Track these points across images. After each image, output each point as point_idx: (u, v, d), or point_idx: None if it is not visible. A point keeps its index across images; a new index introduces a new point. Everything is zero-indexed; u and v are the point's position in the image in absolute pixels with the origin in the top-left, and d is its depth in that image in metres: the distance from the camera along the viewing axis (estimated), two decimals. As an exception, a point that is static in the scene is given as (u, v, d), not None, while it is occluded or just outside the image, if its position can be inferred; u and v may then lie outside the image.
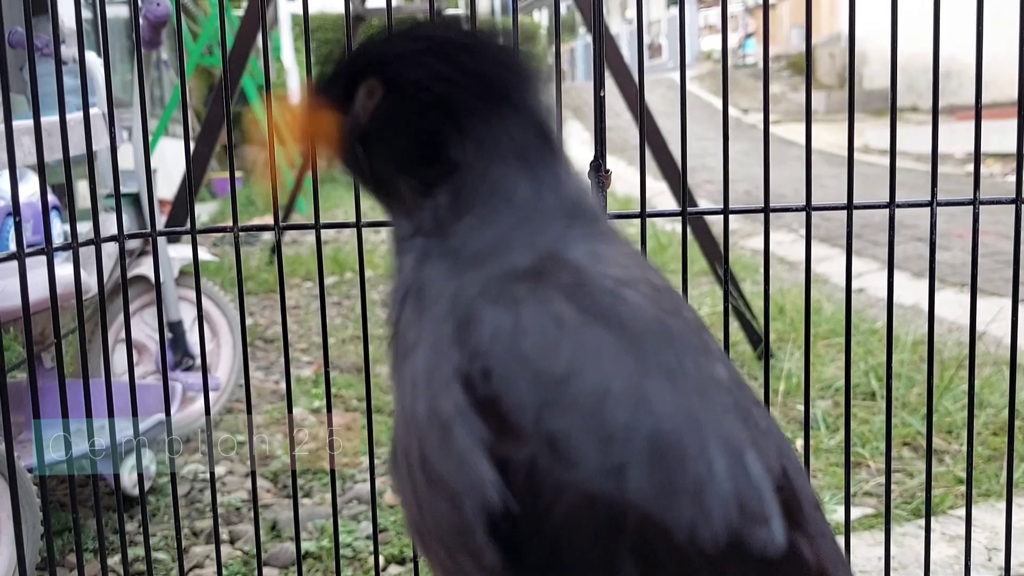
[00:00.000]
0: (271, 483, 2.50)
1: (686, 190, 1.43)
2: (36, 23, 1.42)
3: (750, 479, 0.73)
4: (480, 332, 0.74)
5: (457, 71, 0.82)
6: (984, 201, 1.45)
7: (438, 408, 0.74)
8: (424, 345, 0.79)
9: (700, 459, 0.72)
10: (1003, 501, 1.55)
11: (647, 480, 0.71)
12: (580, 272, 0.77)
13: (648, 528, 0.71)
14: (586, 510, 0.71)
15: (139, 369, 2.75)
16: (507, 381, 0.72)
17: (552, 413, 0.71)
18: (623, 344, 0.73)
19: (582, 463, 0.71)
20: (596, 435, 0.71)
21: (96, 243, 1.51)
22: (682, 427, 0.72)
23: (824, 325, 3.56)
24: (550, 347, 0.72)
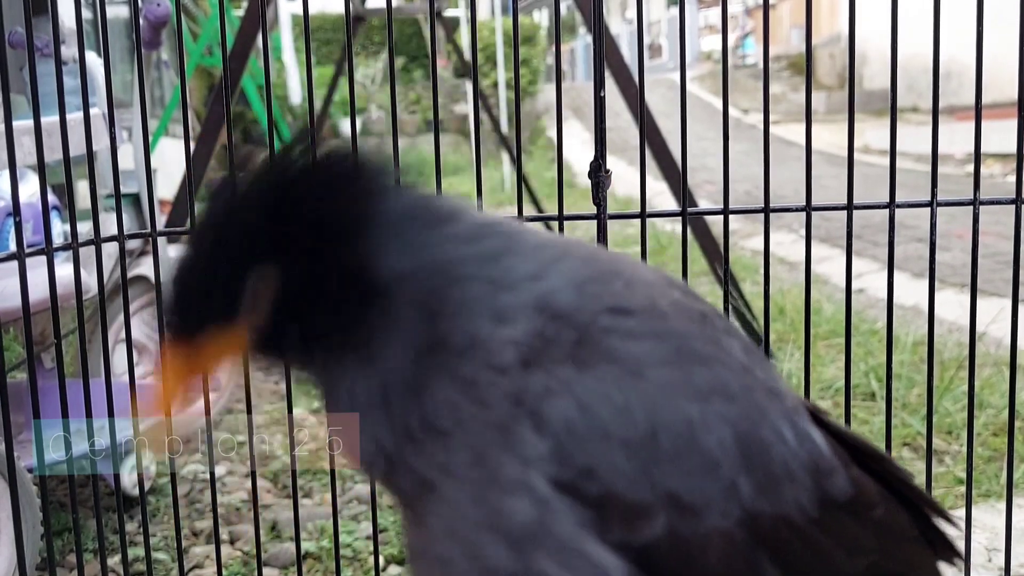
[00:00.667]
0: (271, 483, 2.50)
1: (686, 190, 1.44)
2: (36, 23, 1.42)
3: (813, 441, 0.78)
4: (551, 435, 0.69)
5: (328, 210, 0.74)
6: (984, 201, 1.45)
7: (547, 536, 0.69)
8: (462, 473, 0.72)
9: (778, 442, 0.75)
10: (1003, 502, 1.55)
11: (753, 483, 0.72)
12: (576, 319, 0.73)
13: (775, 525, 0.73)
14: (731, 547, 0.72)
15: (139, 369, 2.75)
16: (610, 466, 0.69)
17: (660, 472, 0.70)
18: (665, 378, 0.72)
19: (707, 503, 0.71)
20: (703, 469, 0.71)
21: (96, 243, 1.50)
22: (754, 422, 0.74)
23: (824, 325, 3.56)
24: (621, 412, 0.70)
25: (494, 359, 0.72)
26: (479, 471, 0.71)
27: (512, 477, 0.70)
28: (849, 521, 0.78)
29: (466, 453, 0.72)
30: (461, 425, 0.72)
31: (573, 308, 0.74)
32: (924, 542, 0.85)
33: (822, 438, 0.79)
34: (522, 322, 0.73)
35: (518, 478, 0.69)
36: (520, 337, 0.72)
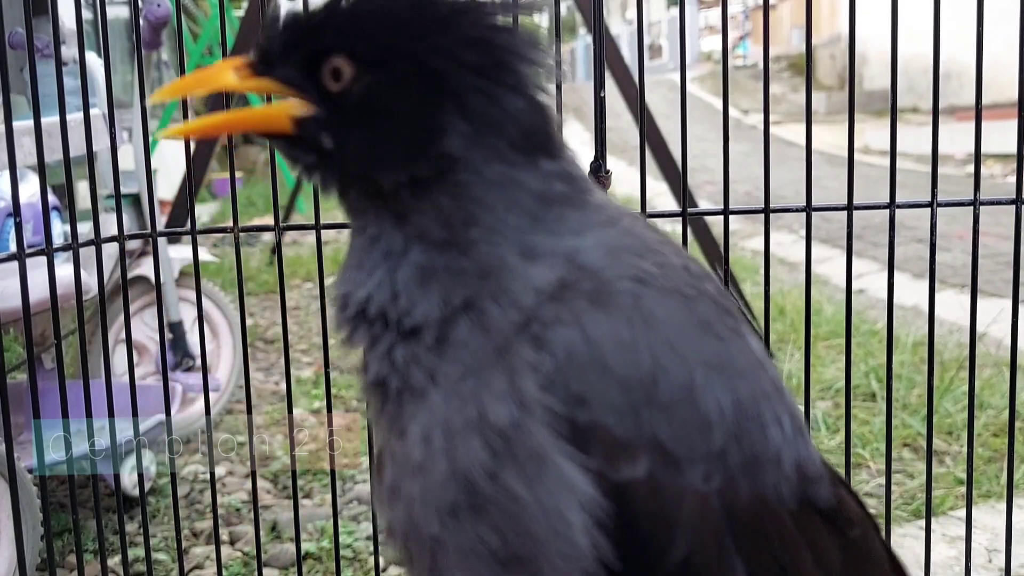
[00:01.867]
0: (271, 484, 2.50)
1: (686, 191, 1.43)
2: (36, 24, 1.42)
3: (808, 445, 0.77)
4: (554, 356, 0.70)
5: (453, 41, 0.71)
6: (984, 202, 1.45)
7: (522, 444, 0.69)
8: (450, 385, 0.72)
9: (775, 426, 0.74)
10: (1003, 502, 1.55)
11: (741, 456, 0.72)
12: (600, 275, 0.73)
13: (752, 505, 0.72)
14: (706, 512, 0.71)
15: (139, 370, 2.75)
16: (600, 396, 0.69)
17: (651, 417, 0.70)
18: (679, 336, 0.72)
19: (693, 460, 0.70)
20: (696, 427, 0.71)
21: (96, 243, 1.50)
22: (756, 398, 0.74)
23: (824, 326, 3.56)
24: (627, 352, 0.70)
25: (510, 292, 0.72)
26: (468, 384, 0.71)
27: (499, 388, 0.70)
28: (825, 530, 0.77)
29: (458, 367, 0.71)
30: (459, 343, 0.72)
31: (599, 267, 0.73)
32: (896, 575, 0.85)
33: (815, 451, 0.79)
34: (547, 266, 0.73)
35: (504, 389, 0.69)
36: (540, 279, 0.72)
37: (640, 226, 0.81)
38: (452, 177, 0.72)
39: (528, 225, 0.73)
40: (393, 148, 0.72)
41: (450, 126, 0.72)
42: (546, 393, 0.69)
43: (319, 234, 1.49)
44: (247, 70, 0.74)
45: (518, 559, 0.70)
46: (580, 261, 0.74)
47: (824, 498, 0.77)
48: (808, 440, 0.78)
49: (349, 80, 0.72)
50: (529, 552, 0.70)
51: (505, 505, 0.69)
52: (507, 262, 0.72)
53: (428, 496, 0.72)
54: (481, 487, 0.70)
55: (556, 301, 0.71)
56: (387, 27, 0.71)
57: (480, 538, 0.70)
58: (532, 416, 0.69)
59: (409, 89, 0.71)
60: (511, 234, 0.73)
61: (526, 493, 0.69)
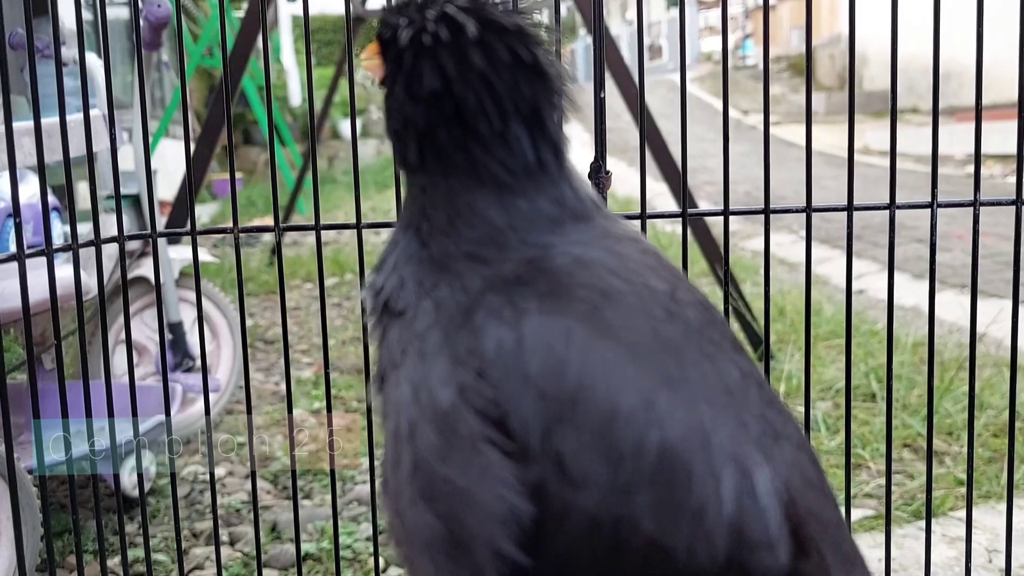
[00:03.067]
0: (271, 484, 2.50)
1: (686, 191, 1.44)
2: (36, 24, 1.42)
3: (757, 501, 0.70)
4: (483, 349, 0.71)
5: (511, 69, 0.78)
6: (984, 202, 1.45)
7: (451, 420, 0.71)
8: (408, 368, 0.76)
9: (708, 479, 0.69)
10: (1003, 503, 1.55)
11: (653, 501, 0.68)
12: (558, 279, 0.74)
13: (651, 550, 0.69)
14: (592, 533, 0.69)
15: (139, 370, 2.75)
16: (513, 401, 0.69)
17: (561, 433, 0.69)
18: (624, 359, 0.71)
19: (590, 485, 0.69)
20: (605, 456, 0.68)
21: (96, 244, 1.50)
22: (692, 444, 0.69)
23: (824, 326, 3.56)
24: (556, 366, 0.70)
25: (463, 281, 0.76)
26: (420, 368, 0.75)
27: (443, 373, 0.73)
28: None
29: (418, 344, 0.76)
30: (415, 325, 0.77)
31: (561, 272, 0.75)
32: None
33: (779, 513, 0.71)
34: (505, 265, 0.76)
35: (447, 373, 0.73)
36: (496, 273, 0.76)
37: (631, 248, 0.80)
38: (460, 173, 0.79)
39: (498, 230, 0.78)
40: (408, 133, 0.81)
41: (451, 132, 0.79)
42: (479, 381, 0.71)
43: (319, 235, 1.49)
44: None
45: (462, 549, 0.71)
46: (544, 264, 0.76)
47: (764, 566, 0.70)
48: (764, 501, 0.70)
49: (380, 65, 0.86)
50: (468, 541, 0.71)
51: (449, 492, 0.71)
52: (472, 255, 0.77)
53: (401, 488, 0.75)
54: (431, 474, 0.72)
55: (505, 294, 0.74)
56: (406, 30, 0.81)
57: (431, 526, 0.72)
58: (467, 401, 0.71)
59: (415, 93, 0.80)
60: (484, 233, 0.78)
61: (462, 480, 0.70)
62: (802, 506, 0.73)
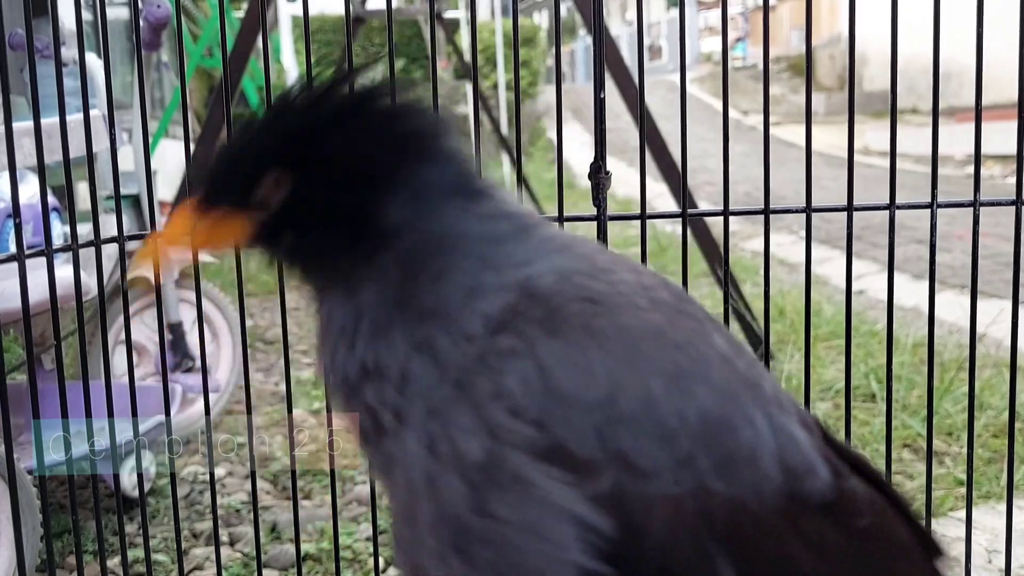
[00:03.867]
0: (271, 485, 2.50)
1: (686, 192, 1.44)
2: (36, 25, 1.42)
3: (790, 434, 0.76)
4: (510, 389, 0.72)
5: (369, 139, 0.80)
6: (984, 203, 1.45)
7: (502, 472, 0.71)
8: (417, 425, 0.75)
9: (747, 426, 0.74)
10: (1003, 503, 1.55)
11: (713, 461, 0.72)
12: (550, 301, 0.76)
13: (729, 508, 0.72)
14: (678, 515, 0.71)
15: (139, 371, 2.75)
16: (561, 424, 0.71)
17: (614, 433, 0.71)
18: (635, 351, 0.74)
19: (659, 469, 0.71)
20: (660, 437, 0.71)
21: (96, 244, 1.50)
22: (723, 403, 0.74)
23: (824, 327, 3.56)
24: (583, 376, 0.72)
25: (462, 327, 0.76)
26: (435, 423, 0.74)
27: (466, 423, 0.73)
28: (826, 524, 0.76)
29: (421, 406, 0.75)
30: (416, 381, 0.76)
31: (550, 292, 0.76)
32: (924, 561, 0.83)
33: (808, 441, 0.78)
34: (497, 299, 0.77)
35: (472, 423, 0.72)
36: (491, 311, 0.76)
37: (590, 249, 0.84)
38: (398, 243, 0.79)
39: (474, 267, 0.78)
40: (339, 235, 0.80)
41: (385, 203, 0.79)
42: (513, 419, 0.71)
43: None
44: (199, 208, 0.84)
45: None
46: (530, 288, 0.77)
47: (817, 491, 0.76)
48: (793, 433, 0.77)
49: (289, 188, 0.80)
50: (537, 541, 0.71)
51: (495, 538, 0.71)
52: (453, 300, 0.77)
53: (422, 542, 0.75)
54: (469, 524, 0.72)
55: (508, 331, 0.74)
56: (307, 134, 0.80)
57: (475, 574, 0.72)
58: (505, 443, 0.71)
59: (342, 179, 0.80)
60: (461, 278, 0.78)
61: (514, 518, 0.71)
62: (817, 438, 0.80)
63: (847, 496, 0.78)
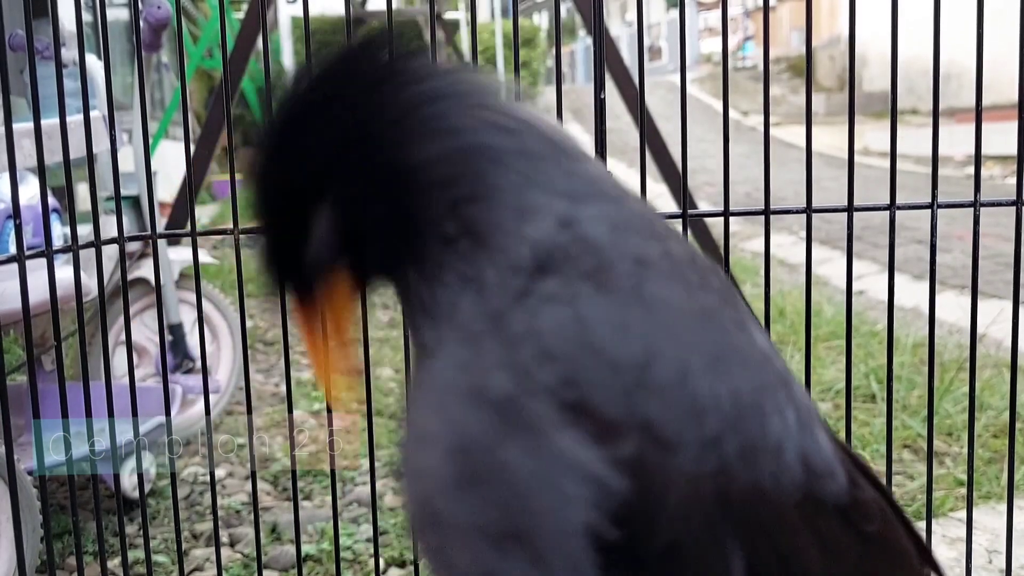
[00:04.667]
0: (271, 485, 2.50)
1: (686, 192, 1.44)
2: (36, 26, 1.42)
3: (813, 434, 0.76)
4: (543, 332, 0.70)
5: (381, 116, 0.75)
6: (985, 203, 1.45)
7: (521, 416, 0.69)
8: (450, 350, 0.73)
9: (777, 416, 0.73)
10: (1004, 503, 1.55)
11: (739, 446, 0.71)
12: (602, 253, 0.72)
13: (748, 493, 0.71)
14: (697, 492, 0.70)
15: (139, 372, 2.75)
16: (590, 379, 0.69)
17: (643, 399, 0.69)
18: (679, 324, 0.72)
19: (685, 444, 0.69)
20: (690, 412, 0.70)
21: (96, 245, 1.50)
22: (757, 390, 0.73)
23: (824, 327, 3.56)
24: (621, 335, 0.70)
25: (508, 257, 0.72)
26: (466, 350, 0.72)
27: (495, 358, 0.70)
28: (836, 524, 0.76)
29: (458, 332, 0.73)
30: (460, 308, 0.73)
31: (603, 244, 0.73)
32: (920, 568, 0.83)
33: (830, 445, 0.78)
34: (545, 226, 0.73)
35: (500, 358, 0.70)
36: (539, 236, 0.72)
37: (645, 209, 0.81)
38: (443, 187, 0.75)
39: (519, 185, 0.74)
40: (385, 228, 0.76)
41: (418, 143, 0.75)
42: (541, 366, 0.69)
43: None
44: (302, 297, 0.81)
45: (515, 536, 0.69)
46: (581, 232, 0.73)
47: (833, 493, 0.76)
48: (817, 435, 0.77)
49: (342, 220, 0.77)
50: (526, 528, 0.69)
51: (505, 478, 0.69)
52: (503, 224, 0.73)
53: (431, 470, 0.72)
54: (481, 459, 0.70)
55: (554, 275, 0.72)
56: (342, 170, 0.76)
57: (479, 513, 0.70)
58: (527, 387, 0.69)
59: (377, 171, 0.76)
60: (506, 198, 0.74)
61: (526, 465, 0.69)
62: (836, 446, 0.80)
63: (860, 502, 0.78)
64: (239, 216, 1.55)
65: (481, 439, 0.70)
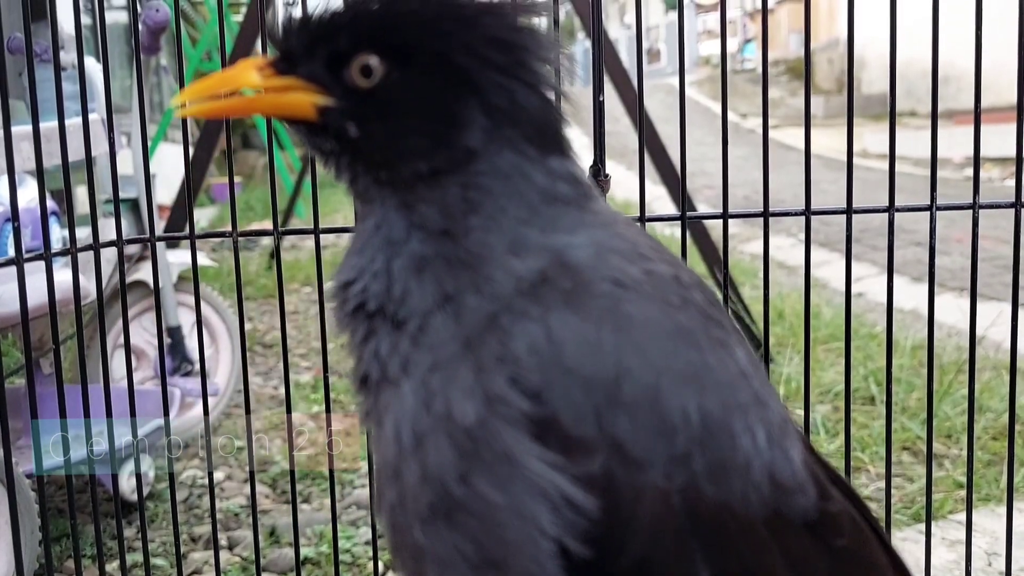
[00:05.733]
0: (270, 488, 2.50)
1: (685, 194, 1.44)
2: (35, 29, 1.42)
3: (784, 452, 0.76)
4: (515, 353, 0.70)
5: (477, 40, 0.74)
6: (984, 205, 1.45)
7: (477, 435, 0.69)
8: (419, 377, 0.73)
9: (746, 435, 0.74)
10: (1003, 506, 1.55)
11: (708, 464, 0.72)
12: (580, 274, 0.73)
13: (716, 510, 0.72)
14: (666, 509, 0.70)
15: (138, 375, 2.75)
16: (560, 396, 0.69)
17: (614, 417, 0.70)
18: (652, 344, 0.72)
19: (654, 461, 0.70)
20: (659, 431, 0.70)
21: (95, 248, 1.50)
22: (728, 409, 0.73)
23: (823, 330, 3.56)
24: (592, 353, 0.70)
25: (491, 281, 0.73)
26: (436, 377, 0.72)
27: (465, 383, 0.70)
28: (805, 539, 0.76)
29: (428, 358, 0.73)
30: (433, 333, 0.73)
31: (583, 266, 0.74)
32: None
33: (803, 462, 0.78)
34: (533, 261, 0.74)
35: (470, 384, 0.70)
36: (524, 273, 0.73)
37: (634, 232, 0.81)
38: (467, 168, 0.75)
39: (525, 217, 0.75)
40: (418, 140, 0.75)
41: (472, 120, 0.75)
42: (511, 389, 0.69)
43: (318, 238, 1.49)
44: (270, 69, 0.78)
45: (492, 565, 0.70)
46: (565, 258, 0.74)
47: (801, 508, 0.76)
48: (788, 450, 0.77)
49: (381, 76, 0.75)
50: (502, 557, 0.69)
51: (477, 510, 0.69)
52: (494, 252, 0.74)
53: (404, 502, 0.73)
54: (452, 491, 0.70)
55: (530, 296, 0.72)
56: (415, 26, 0.74)
57: (455, 545, 0.71)
58: (498, 414, 0.69)
59: (435, 84, 0.75)
60: (507, 224, 0.75)
61: (498, 497, 0.69)
62: (812, 460, 0.80)
63: (829, 516, 0.78)
64: (237, 219, 1.54)
65: (452, 470, 0.70)
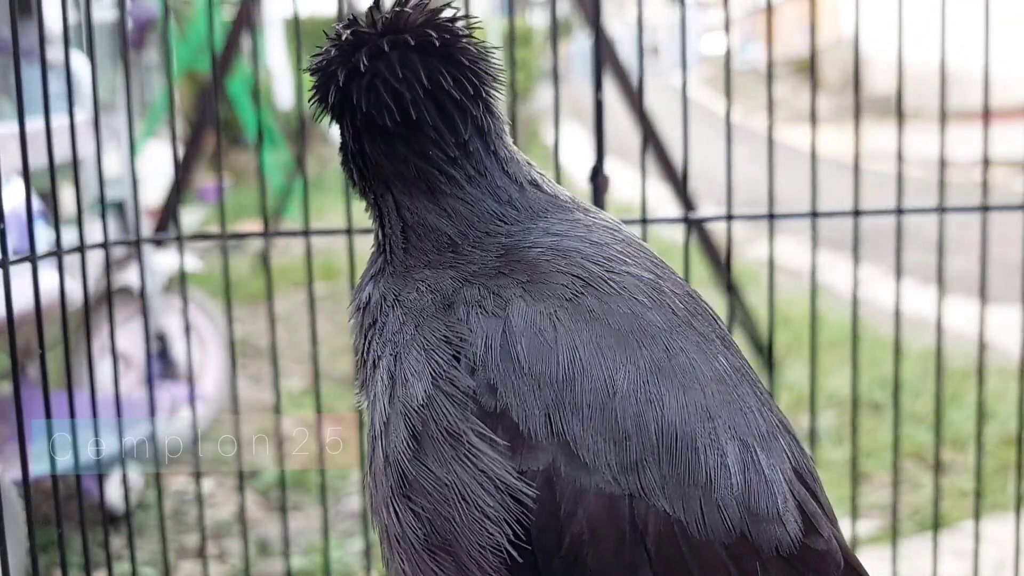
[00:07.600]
0: (261, 497, 2.46)
1: (687, 196, 1.40)
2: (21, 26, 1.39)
3: (763, 475, 0.73)
4: (472, 343, 0.71)
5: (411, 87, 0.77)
6: (993, 207, 1.42)
7: (437, 422, 0.71)
8: (383, 367, 0.76)
9: (713, 453, 0.71)
10: (1012, 514, 1.52)
11: (663, 476, 0.70)
12: (537, 268, 0.74)
13: (667, 525, 0.70)
14: (609, 513, 0.69)
15: (125, 381, 2.71)
16: (511, 391, 0.70)
17: (564, 417, 0.69)
18: (613, 342, 0.71)
19: (601, 465, 0.69)
20: (611, 436, 0.69)
21: (82, 250, 1.47)
22: (693, 422, 0.71)
23: (829, 334, 3.52)
24: (546, 349, 0.70)
25: (435, 283, 0.76)
26: (396, 366, 0.75)
27: (413, 367, 0.73)
28: (771, 571, 0.72)
29: (391, 345, 0.76)
30: (392, 323, 0.77)
31: (539, 261, 0.75)
32: None
33: (790, 489, 0.74)
34: (491, 254, 0.76)
35: (417, 367, 0.72)
36: (480, 265, 0.76)
37: (611, 239, 0.80)
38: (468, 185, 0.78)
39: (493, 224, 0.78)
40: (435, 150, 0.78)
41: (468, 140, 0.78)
42: (456, 368, 0.71)
43: (309, 240, 1.46)
44: None
45: (442, 546, 0.71)
46: (519, 255, 0.75)
47: (775, 538, 0.72)
48: (771, 477, 0.73)
49: None
50: (450, 539, 0.70)
51: (427, 488, 0.71)
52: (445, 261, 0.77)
53: (377, 486, 0.75)
54: (407, 471, 0.71)
55: (485, 286, 0.74)
56: None
57: (409, 524, 0.72)
58: (443, 392, 0.71)
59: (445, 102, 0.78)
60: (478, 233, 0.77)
61: (444, 474, 0.70)
62: (802, 489, 0.76)
63: (813, 554, 0.74)
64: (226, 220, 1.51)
65: (407, 449, 0.72)
